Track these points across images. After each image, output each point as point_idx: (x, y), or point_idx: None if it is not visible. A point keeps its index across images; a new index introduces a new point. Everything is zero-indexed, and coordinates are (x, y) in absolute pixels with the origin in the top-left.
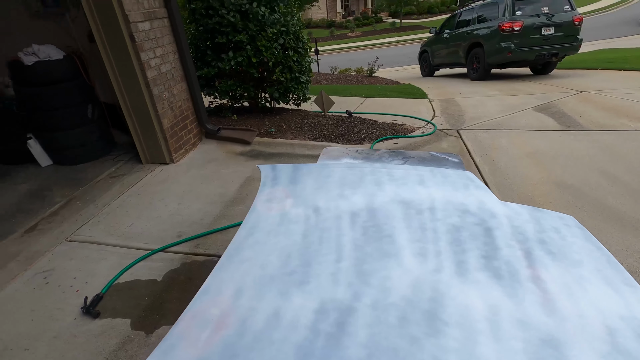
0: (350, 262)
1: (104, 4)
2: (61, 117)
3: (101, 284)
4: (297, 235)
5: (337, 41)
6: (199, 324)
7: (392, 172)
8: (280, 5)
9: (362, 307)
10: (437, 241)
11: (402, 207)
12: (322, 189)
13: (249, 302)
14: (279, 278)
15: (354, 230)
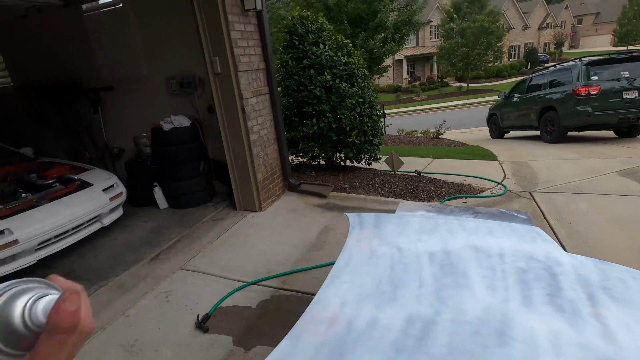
0: (430, 289)
1: (227, 86)
2: (181, 170)
3: (208, 306)
4: (384, 266)
5: (403, 104)
6: (316, 323)
7: (464, 224)
8: (358, 80)
9: (442, 320)
10: (505, 279)
11: (473, 251)
12: (402, 233)
13: (351, 310)
14: (373, 295)
15: (432, 266)
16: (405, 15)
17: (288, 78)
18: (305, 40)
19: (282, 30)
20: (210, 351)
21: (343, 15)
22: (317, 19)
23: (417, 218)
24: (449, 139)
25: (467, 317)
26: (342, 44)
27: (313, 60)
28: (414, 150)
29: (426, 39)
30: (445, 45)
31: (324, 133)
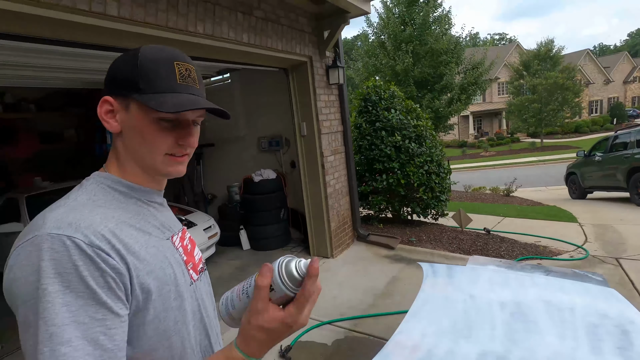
0: (502, 331)
1: (310, 146)
2: (265, 216)
3: (289, 339)
4: (458, 310)
5: (470, 160)
6: (401, 348)
7: (535, 279)
8: (426, 141)
9: (513, 357)
10: (574, 330)
11: (544, 303)
12: (474, 283)
13: (431, 341)
14: (450, 332)
15: (502, 313)
16: (472, 77)
17: (361, 138)
18: (378, 106)
19: (357, 98)
20: None
21: (410, 79)
22: (389, 87)
23: (488, 271)
24: (521, 197)
25: (537, 357)
26: (411, 108)
27: (384, 123)
28: (482, 207)
29: (493, 95)
30: (514, 101)
31: (393, 188)
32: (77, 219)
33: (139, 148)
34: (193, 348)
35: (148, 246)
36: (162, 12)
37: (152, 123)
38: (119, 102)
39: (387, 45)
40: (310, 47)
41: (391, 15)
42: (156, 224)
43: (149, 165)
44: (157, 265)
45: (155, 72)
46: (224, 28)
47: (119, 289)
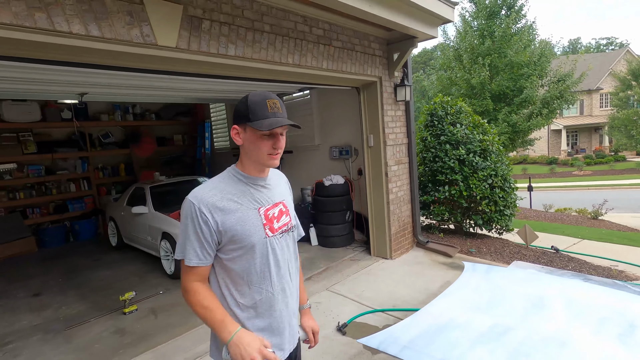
0: (517, 313)
1: (376, 156)
2: (332, 217)
3: (345, 318)
4: (486, 295)
5: (558, 179)
6: (429, 315)
7: (565, 281)
8: (492, 155)
9: (519, 328)
10: (584, 320)
11: (564, 298)
12: (507, 279)
13: (455, 313)
14: (472, 309)
15: (524, 301)
16: (556, 91)
17: (426, 151)
18: (444, 121)
19: (424, 112)
20: (346, 347)
21: (486, 92)
22: (456, 103)
23: (524, 272)
24: (612, 221)
25: (541, 331)
26: (478, 123)
27: (449, 137)
28: (559, 228)
29: (594, 107)
30: (619, 115)
31: (455, 199)
32: (199, 193)
33: (253, 151)
34: (257, 272)
35: (236, 211)
36: (264, 49)
37: (258, 137)
38: (241, 127)
39: (463, 59)
40: (380, 68)
41: (469, 28)
42: (250, 198)
43: (258, 160)
44: (237, 221)
45: (256, 108)
46: (308, 58)
47: (208, 233)
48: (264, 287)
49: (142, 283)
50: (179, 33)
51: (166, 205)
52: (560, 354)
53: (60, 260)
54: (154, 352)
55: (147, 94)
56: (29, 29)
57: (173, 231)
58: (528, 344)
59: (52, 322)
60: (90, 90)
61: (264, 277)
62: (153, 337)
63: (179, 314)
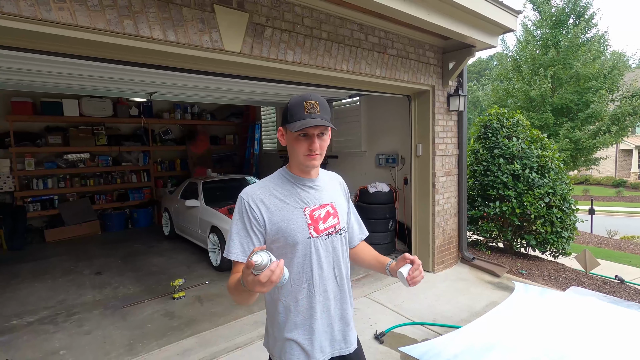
0: (574, 344)
1: (424, 166)
2: (374, 224)
3: (383, 327)
4: (541, 320)
5: (626, 203)
6: (479, 330)
7: (629, 312)
8: (551, 173)
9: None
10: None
11: (626, 332)
12: (563, 306)
13: (506, 334)
14: (527, 333)
15: (580, 332)
16: (629, 107)
17: (477, 164)
18: (499, 134)
19: (477, 124)
20: (383, 356)
21: (546, 105)
22: (513, 115)
23: (584, 299)
24: None
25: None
26: (536, 137)
27: (504, 150)
28: (625, 257)
29: None
30: None
31: (506, 216)
32: (249, 190)
33: (293, 152)
34: (297, 271)
35: (281, 209)
36: (320, 56)
37: (294, 138)
38: (283, 129)
39: (522, 69)
40: (434, 77)
41: (531, 38)
42: (296, 198)
43: (298, 161)
44: (282, 219)
45: (293, 110)
46: (362, 65)
47: (256, 225)
48: (305, 286)
49: (190, 272)
50: (243, 39)
51: (216, 201)
52: None
53: (120, 244)
54: (198, 338)
55: (207, 95)
56: (117, 34)
57: (221, 225)
58: None
59: (111, 300)
60: (159, 90)
61: (305, 277)
62: (198, 323)
63: (222, 304)
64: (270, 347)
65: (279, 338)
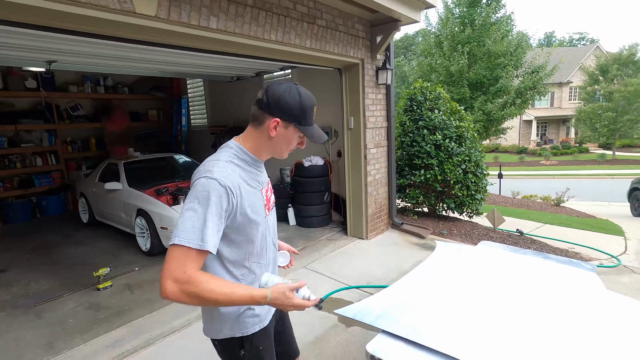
0: (485, 290)
1: (355, 139)
2: (310, 198)
3: (322, 294)
4: (458, 272)
5: (527, 167)
6: (406, 287)
7: (528, 258)
8: (467, 142)
9: (485, 303)
10: (541, 295)
11: (526, 276)
12: (475, 258)
13: (429, 288)
14: (446, 285)
15: (490, 279)
16: (530, 82)
17: (404, 135)
18: (423, 106)
19: (404, 97)
20: (322, 321)
21: (464, 80)
22: (435, 89)
23: (492, 251)
24: (573, 208)
25: (503, 306)
26: (455, 110)
27: (427, 122)
28: (525, 213)
29: (563, 100)
30: (586, 108)
31: (430, 183)
32: (224, 173)
33: (279, 145)
34: (258, 250)
35: (249, 193)
36: (246, 24)
37: (295, 138)
38: (283, 122)
39: (443, 45)
40: (363, 50)
41: (450, 15)
42: (256, 180)
43: (279, 153)
44: (249, 204)
45: (308, 114)
46: (292, 36)
47: (229, 211)
48: (263, 262)
49: (117, 260)
50: (158, 1)
51: (141, 182)
52: (518, 324)
53: (27, 236)
54: (129, 327)
55: (121, 65)
56: None
57: (149, 208)
58: (490, 316)
59: (21, 298)
60: (60, 59)
61: (263, 253)
62: (129, 312)
63: (156, 289)
64: (219, 328)
65: (235, 313)
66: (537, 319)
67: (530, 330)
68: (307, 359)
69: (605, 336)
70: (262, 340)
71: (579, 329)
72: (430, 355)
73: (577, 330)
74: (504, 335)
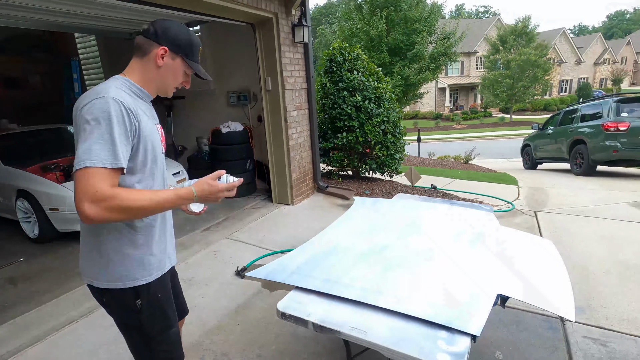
0: (395, 233)
1: (275, 101)
2: (231, 166)
3: (246, 262)
4: (371, 223)
5: (442, 131)
6: (317, 243)
7: (436, 205)
8: (385, 103)
9: (395, 246)
10: (446, 233)
11: (434, 219)
12: (390, 208)
13: (340, 239)
14: (356, 234)
15: (402, 224)
16: (442, 48)
17: (325, 97)
18: (342, 67)
19: (323, 58)
20: (244, 289)
21: (383, 45)
22: (353, 49)
23: (405, 201)
24: (479, 165)
25: (413, 245)
26: (373, 71)
27: (347, 83)
28: (439, 171)
29: (471, 68)
30: (489, 76)
31: (352, 145)
32: (118, 94)
33: (165, 77)
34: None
35: (146, 122)
36: None
37: (182, 72)
38: (171, 53)
39: (363, 10)
40: (277, 4)
41: None
42: (149, 113)
43: (163, 88)
44: (149, 133)
45: (195, 50)
46: None
47: (132, 133)
48: None
49: None
50: None
51: (21, 159)
52: (427, 260)
53: None
54: (11, 325)
55: None
56: None
57: (32, 188)
58: (401, 256)
59: None
60: None
61: None
62: (11, 308)
63: (47, 280)
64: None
65: (132, 257)
66: (443, 252)
67: (437, 263)
68: (231, 329)
69: (500, 254)
70: (160, 289)
71: (479, 253)
72: (341, 304)
73: (478, 254)
74: (411, 271)
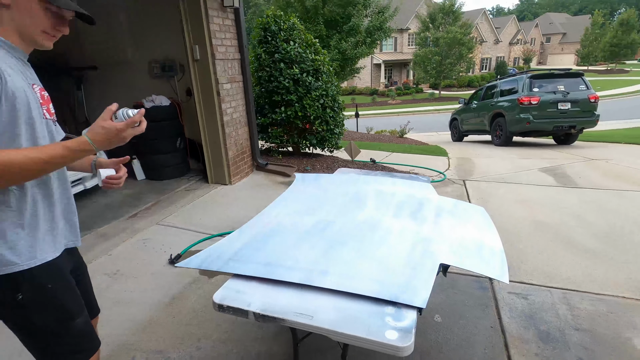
0: (338, 209)
1: (204, 72)
2: (159, 145)
3: (180, 249)
4: (312, 199)
5: (378, 107)
6: (257, 224)
7: (377, 179)
8: (323, 76)
9: (339, 221)
10: (388, 205)
11: (376, 192)
12: (331, 183)
13: (282, 218)
14: (298, 212)
15: (344, 199)
16: (377, 22)
17: (261, 70)
18: (277, 37)
19: (257, 27)
20: (180, 277)
21: (319, 17)
22: (289, 18)
23: (346, 175)
24: (413, 139)
25: (356, 220)
26: (310, 42)
27: (283, 55)
28: (377, 145)
29: (404, 45)
30: (420, 52)
31: (292, 121)
32: None
33: (24, 20)
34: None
35: (15, 80)
36: None
37: (40, 8)
38: None
39: None
40: None
41: None
42: (21, 70)
43: (28, 33)
44: (18, 89)
45: None
46: None
47: None
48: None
49: None
50: None
51: None
52: (370, 234)
53: None
54: None
55: None
56: None
57: None
58: (344, 233)
59: None
60: None
61: (47, 181)
62: None
63: None
64: None
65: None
66: (386, 226)
67: (380, 236)
68: (164, 322)
69: (439, 224)
70: (49, 277)
71: (421, 224)
72: (284, 289)
73: (419, 225)
74: (356, 248)
